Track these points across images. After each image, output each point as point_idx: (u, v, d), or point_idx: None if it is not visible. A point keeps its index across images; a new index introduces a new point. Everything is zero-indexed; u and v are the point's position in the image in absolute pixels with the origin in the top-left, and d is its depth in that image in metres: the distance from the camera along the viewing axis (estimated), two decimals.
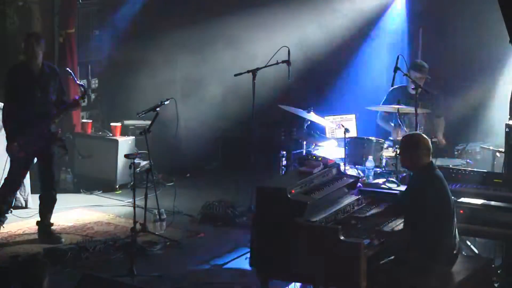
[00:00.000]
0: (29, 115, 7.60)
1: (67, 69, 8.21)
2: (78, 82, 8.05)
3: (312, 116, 8.41)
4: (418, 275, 5.43)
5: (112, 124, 10.19)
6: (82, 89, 7.82)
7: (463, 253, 6.38)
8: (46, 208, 7.89)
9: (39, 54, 7.67)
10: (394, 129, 8.46)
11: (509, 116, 7.14)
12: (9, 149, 7.65)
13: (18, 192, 8.78)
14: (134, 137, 10.08)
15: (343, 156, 8.18)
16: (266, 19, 10.30)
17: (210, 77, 10.66)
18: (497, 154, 7.59)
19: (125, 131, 10.24)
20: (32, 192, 8.79)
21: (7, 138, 7.66)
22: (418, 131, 7.50)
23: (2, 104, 8.01)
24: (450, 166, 7.69)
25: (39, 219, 7.93)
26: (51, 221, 7.94)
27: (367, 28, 10.35)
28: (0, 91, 7.93)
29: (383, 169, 8.24)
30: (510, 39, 6.55)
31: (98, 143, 10.14)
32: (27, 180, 8.78)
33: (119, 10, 10.54)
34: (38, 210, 7.95)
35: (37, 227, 7.94)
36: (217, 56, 10.66)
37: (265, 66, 7.90)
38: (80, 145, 10.18)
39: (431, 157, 5.76)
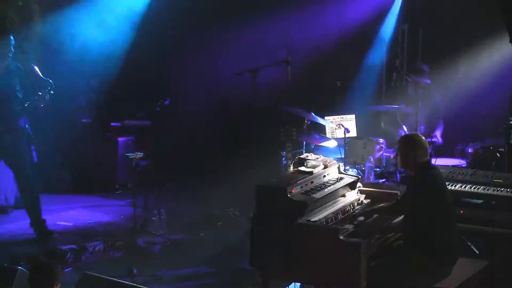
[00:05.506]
0: None
1: (32, 64, 8.01)
2: (42, 77, 7.82)
3: (312, 116, 8.41)
4: (418, 275, 5.43)
5: (112, 124, 10.19)
6: (48, 84, 7.75)
7: (463, 253, 6.37)
8: (32, 208, 7.88)
9: (8, 51, 7.62)
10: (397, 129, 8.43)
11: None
12: None
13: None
14: (134, 137, 10.07)
15: (343, 156, 8.18)
16: (267, 19, 10.30)
17: (211, 77, 10.64)
18: (497, 154, 7.58)
19: (125, 131, 10.24)
20: None
21: None
22: (417, 131, 7.51)
23: None
24: (450, 166, 7.69)
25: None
26: (43, 218, 7.93)
27: (367, 28, 10.34)
28: None
29: (383, 169, 8.25)
30: (510, 39, 6.57)
31: (98, 143, 10.14)
32: None
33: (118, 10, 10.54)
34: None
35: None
36: (217, 56, 10.65)
37: (265, 66, 7.89)
38: (81, 145, 10.18)
39: (428, 156, 5.75)
